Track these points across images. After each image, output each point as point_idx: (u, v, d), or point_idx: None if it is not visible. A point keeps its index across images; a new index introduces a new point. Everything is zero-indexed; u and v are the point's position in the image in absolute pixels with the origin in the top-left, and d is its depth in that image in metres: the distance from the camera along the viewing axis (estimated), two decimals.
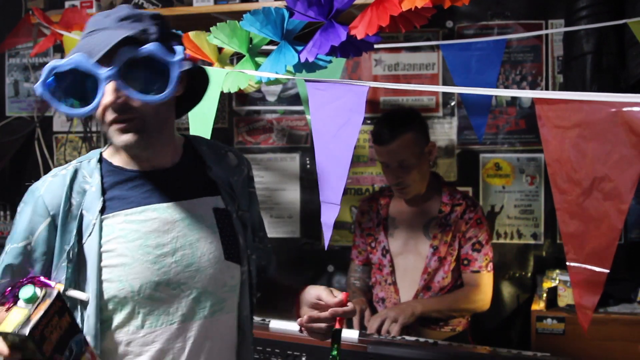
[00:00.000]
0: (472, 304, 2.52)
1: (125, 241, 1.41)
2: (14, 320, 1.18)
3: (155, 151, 1.46)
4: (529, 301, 2.85)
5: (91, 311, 1.39)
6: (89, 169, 1.48)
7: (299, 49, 1.66)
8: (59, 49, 3.35)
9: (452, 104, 3.17)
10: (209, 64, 2.13)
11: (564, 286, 2.68)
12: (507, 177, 3.12)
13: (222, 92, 1.98)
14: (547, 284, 2.74)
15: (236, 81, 2.00)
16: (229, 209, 1.53)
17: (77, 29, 2.68)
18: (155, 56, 1.36)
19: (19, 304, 1.21)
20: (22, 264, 1.43)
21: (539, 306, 2.68)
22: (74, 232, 1.41)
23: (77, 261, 1.41)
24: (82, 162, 1.50)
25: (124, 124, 1.37)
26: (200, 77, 1.56)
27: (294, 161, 3.34)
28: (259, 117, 3.38)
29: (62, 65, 1.33)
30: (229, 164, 1.62)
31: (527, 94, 1.26)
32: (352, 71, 3.26)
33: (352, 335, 2.21)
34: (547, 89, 3.10)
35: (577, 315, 1.16)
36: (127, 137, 1.38)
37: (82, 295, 1.39)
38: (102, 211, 1.43)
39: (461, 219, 2.56)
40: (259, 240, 1.68)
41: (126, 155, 1.48)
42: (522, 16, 3.09)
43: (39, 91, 1.34)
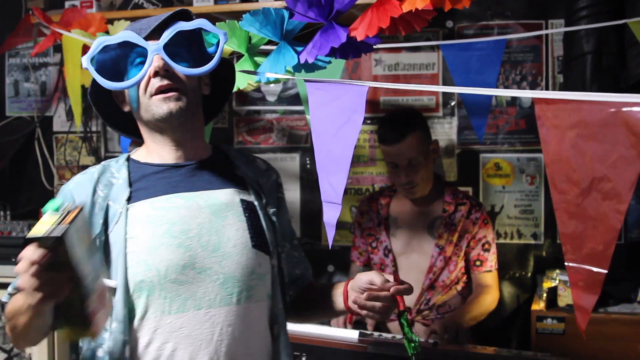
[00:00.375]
0: (492, 304, 2.55)
1: (151, 227, 1.44)
2: (44, 226, 1.18)
3: (186, 136, 1.51)
4: (529, 301, 2.85)
5: (119, 297, 1.40)
6: (117, 166, 1.54)
7: (299, 49, 1.66)
8: (59, 48, 3.35)
9: (452, 104, 3.17)
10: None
11: (564, 286, 2.68)
12: (507, 177, 3.12)
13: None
14: (547, 284, 2.75)
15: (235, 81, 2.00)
16: (256, 203, 1.56)
17: (77, 28, 2.68)
18: (204, 28, 1.46)
19: (45, 216, 1.20)
20: None
21: (539, 306, 2.69)
22: (101, 222, 1.44)
23: (104, 250, 1.43)
24: (110, 161, 1.57)
25: (169, 93, 1.43)
26: (223, 81, 1.62)
27: (294, 161, 3.34)
28: (259, 117, 3.38)
29: (112, 39, 1.42)
30: (257, 167, 1.67)
31: (526, 94, 1.26)
32: (352, 71, 3.26)
33: (352, 335, 2.22)
34: (547, 89, 3.10)
35: (575, 315, 1.15)
36: (171, 105, 1.44)
37: (110, 282, 1.39)
38: (129, 200, 1.47)
39: (467, 218, 2.57)
40: (292, 248, 1.68)
41: (155, 148, 1.52)
42: (522, 16, 3.09)
43: (84, 64, 1.41)
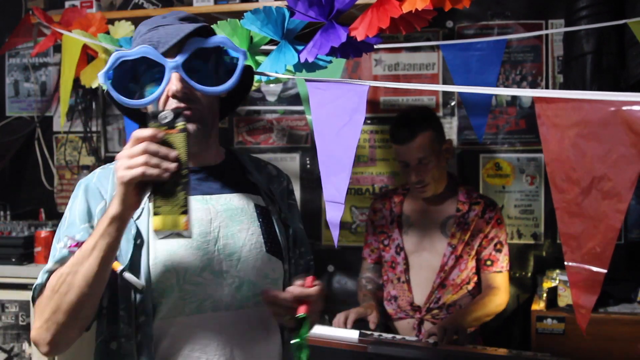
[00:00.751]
0: (499, 306, 2.54)
1: None
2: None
3: (202, 148, 1.51)
4: (529, 301, 2.85)
5: (148, 294, 1.39)
6: None
7: (299, 48, 1.66)
8: (59, 48, 3.35)
9: (452, 104, 3.17)
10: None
11: (564, 286, 2.68)
12: (507, 177, 3.12)
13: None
14: (547, 284, 2.74)
15: None
16: (270, 208, 1.56)
17: (78, 28, 2.68)
18: (224, 47, 1.44)
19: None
20: None
21: (539, 306, 2.68)
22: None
23: (135, 241, 1.41)
24: None
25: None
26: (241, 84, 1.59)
27: (294, 161, 3.34)
28: (259, 117, 3.38)
29: (129, 54, 1.38)
30: (268, 173, 1.67)
31: (526, 93, 1.26)
32: (353, 71, 3.26)
33: (352, 335, 2.22)
34: (547, 89, 3.10)
35: (575, 315, 1.15)
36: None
37: (137, 282, 1.38)
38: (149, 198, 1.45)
39: (481, 218, 2.57)
40: (299, 255, 1.68)
41: None
42: (522, 16, 3.09)
43: (101, 80, 1.38)
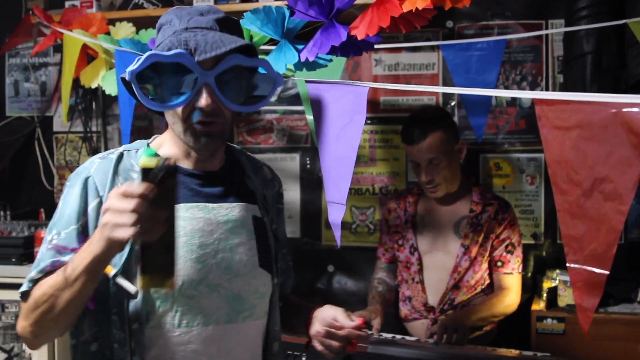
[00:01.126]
0: (507, 307, 2.53)
1: None
2: (151, 162, 1.15)
3: (210, 155, 1.48)
4: (529, 301, 2.85)
5: (140, 299, 1.38)
6: (136, 157, 1.47)
7: (300, 47, 1.66)
8: (59, 48, 3.35)
9: (452, 104, 3.16)
10: None
11: (564, 286, 2.68)
12: (507, 177, 3.12)
13: None
14: (547, 284, 2.75)
15: None
16: (265, 219, 1.55)
17: (78, 27, 2.68)
18: (264, 69, 1.39)
19: (143, 157, 1.19)
20: (78, 246, 1.38)
21: (539, 306, 2.68)
22: None
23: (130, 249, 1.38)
24: (129, 150, 1.49)
25: (209, 128, 1.38)
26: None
27: (294, 161, 3.34)
28: (259, 117, 3.38)
29: (164, 56, 1.31)
30: (264, 176, 1.65)
31: (527, 95, 1.26)
32: (352, 71, 3.26)
33: None
34: (547, 89, 3.10)
35: (577, 315, 1.15)
36: (209, 141, 1.39)
37: (130, 287, 1.35)
38: None
39: (494, 219, 2.56)
40: (281, 256, 1.68)
41: (175, 151, 1.48)
42: (522, 16, 3.09)
43: (128, 77, 1.33)
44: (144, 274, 1.19)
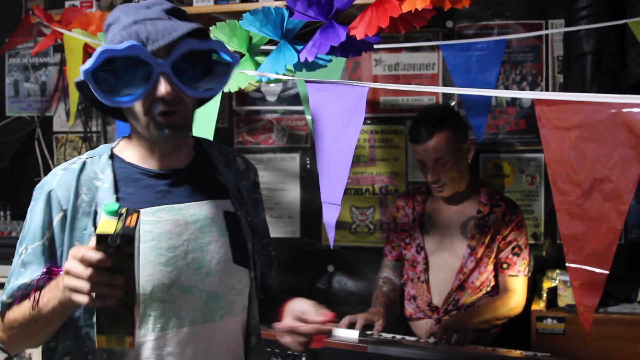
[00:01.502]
0: (512, 310, 2.52)
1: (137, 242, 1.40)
2: (109, 225, 1.12)
3: (174, 149, 1.47)
4: (529, 301, 2.85)
5: None
6: (100, 165, 1.45)
7: (299, 48, 1.66)
8: (59, 48, 3.35)
9: (452, 104, 3.16)
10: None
11: (564, 286, 2.68)
12: (507, 177, 3.12)
13: (222, 91, 1.98)
14: (547, 284, 2.74)
15: (236, 81, 2.01)
16: (239, 213, 1.53)
17: (78, 27, 2.68)
18: (218, 51, 1.37)
19: (104, 217, 1.16)
20: (47, 261, 1.40)
21: (539, 306, 2.68)
22: (87, 229, 1.39)
23: None
24: (92, 157, 1.47)
25: (171, 118, 1.36)
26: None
27: (294, 161, 3.34)
28: (259, 117, 3.38)
29: (116, 50, 1.29)
30: (237, 168, 1.62)
31: (527, 95, 1.26)
32: (352, 71, 3.25)
33: (352, 335, 2.22)
34: (547, 89, 3.09)
35: (577, 315, 1.16)
36: (172, 132, 1.37)
37: None
38: None
39: (501, 221, 2.55)
40: (262, 246, 1.66)
41: (141, 151, 1.46)
42: (522, 16, 3.09)
43: (83, 75, 1.30)
44: (99, 334, 1.18)
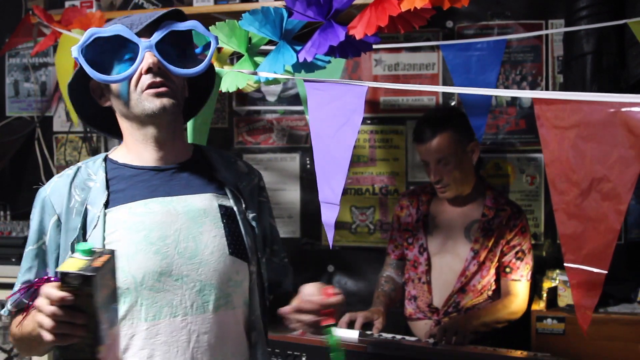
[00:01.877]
0: (512, 314, 2.52)
1: (128, 233, 1.43)
2: (73, 264, 1.17)
3: (168, 137, 1.50)
4: (529, 301, 2.85)
5: None
6: (94, 167, 1.52)
7: (298, 48, 1.65)
8: None
9: (452, 104, 3.16)
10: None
11: (564, 286, 2.68)
12: (507, 177, 3.12)
13: (221, 91, 1.98)
14: (547, 284, 2.74)
15: (235, 81, 2.00)
16: (236, 208, 1.54)
17: (77, 26, 2.68)
18: (196, 30, 1.46)
19: (75, 255, 1.20)
20: (40, 265, 1.49)
21: (539, 306, 2.68)
22: (79, 226, 1.44)
23: None
24: (87, 162, 1.54)
25: (162, 88, 1.42)
26: (204, 84, 1.61)
27: (294, 161, 3.34)
28: (259, 117, 3.38)
29: (103, 31, 1.40)
30: (238, 170, 1.64)
31: (526, 94, 1.26)
32: (352, 71, 3.26)
33: (352, 335, 2.22)
34: (547, 89, 3.09)
35: (577, 316, 1.15)
36: (164, 100, 1.43)
37: None
38: (107, 205, 1.45)
39: (505, 225, 2.54)
40: (272, 253, 1.67)
41: (134, 149, 1.51)
42: (522, 16, 3.09)
43: (74, 54, 1.39)
44: None
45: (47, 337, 1.19)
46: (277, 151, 3.36)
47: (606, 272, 1.09)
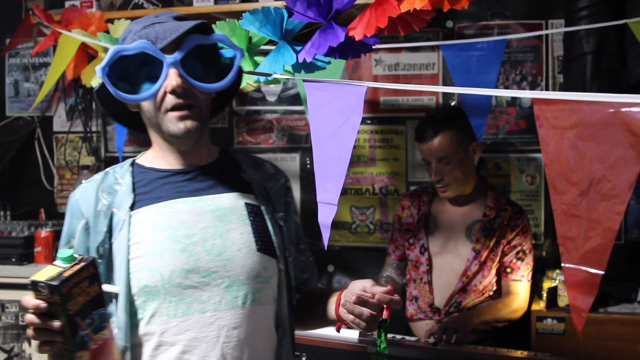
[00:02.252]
0: (513, 313, 2.52)
1: (154, 232, 1.44)
2: (47, 272, 1.21)
3: (195, 146, 1.50)
4: (529, 301, 2.85)
5: (121, 304, 1.41)
6: (121, 172, 1.53)
7: (298, 49, 1.65)
8: None
9: (452, 104, 3.16)
10: None
11: (564, 286, 2.67)
12: (507, 177, 3.12)
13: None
14: (547, 284, 2.74)
15: None
16: (263, 207, 1.55)
17: (77, 27, 2.68)
18: (223, 43, 1.44)
19: (55, 263, 1.24)
20: None
21: (539, 306, 2.68)
22: (105, 229, 1.45)
23: (108, 257, 1.45)
24: (115, 167, 1.56)
25: (185, 111, 1.41)
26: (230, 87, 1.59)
27: (294, 161, 3.34)
28: (259, 117, 3.38)
29: (128, 49, 1.37)
30: (265, 171, 1.65)
31: (526, 94, 1.26)
32: (353, 71, 3.26)
33: (352, 335, 2.22)
34: (547, 89, 3.09)
35: (572, 316, 1.15)
36: (188, 124, 1.42)
37: (114, 288, 1.41)
38: (132, 207, 1.47)
39: (507, 225, 2.55)
40: (298, 252, 1.67)
41: (161, 155, 1.52)
42: (522, 16, 3.09)
43: (99, 74, 1.37)
44: None
45: (34, 344, 1.24)
46: (277, 151, 3.36)
47: (603, 272, 1.09)
